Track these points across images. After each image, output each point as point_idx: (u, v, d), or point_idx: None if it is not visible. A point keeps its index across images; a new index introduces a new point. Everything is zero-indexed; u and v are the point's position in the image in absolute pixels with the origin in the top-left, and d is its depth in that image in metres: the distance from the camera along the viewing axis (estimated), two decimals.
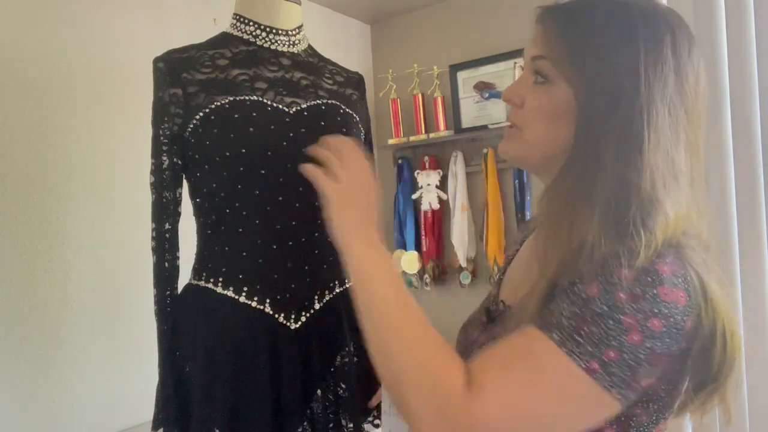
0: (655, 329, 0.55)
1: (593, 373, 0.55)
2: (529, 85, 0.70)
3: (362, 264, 0.69)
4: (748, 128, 1.46)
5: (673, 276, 0.57)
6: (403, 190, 2.68)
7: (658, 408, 0.63)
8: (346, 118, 1.04)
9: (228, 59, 0.99)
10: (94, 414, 1.63)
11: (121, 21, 1.77)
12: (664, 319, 0.55)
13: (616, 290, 0.56)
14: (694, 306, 0.58)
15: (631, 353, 0.55)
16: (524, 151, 0.71)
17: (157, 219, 0.97)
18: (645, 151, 0.61)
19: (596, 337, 0.55)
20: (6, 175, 1.49)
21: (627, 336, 0.55)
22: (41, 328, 1.53)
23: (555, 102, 0.67)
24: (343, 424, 1.01)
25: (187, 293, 1.00)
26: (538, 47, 0.69)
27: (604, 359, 0.55)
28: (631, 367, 0.55)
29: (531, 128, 0.69)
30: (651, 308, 0.55)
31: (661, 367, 0.58)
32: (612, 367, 0.55)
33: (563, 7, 0.69)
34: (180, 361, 0.97)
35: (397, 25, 2.83)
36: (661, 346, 0.56)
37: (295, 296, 0.98)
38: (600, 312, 0.56)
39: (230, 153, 0.93)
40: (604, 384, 0.55)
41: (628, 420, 0.62)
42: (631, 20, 0.63)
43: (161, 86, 0.95)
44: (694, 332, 0.59)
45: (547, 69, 0.67)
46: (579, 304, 0.57)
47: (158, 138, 0.96)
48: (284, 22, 1.03)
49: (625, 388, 0.56)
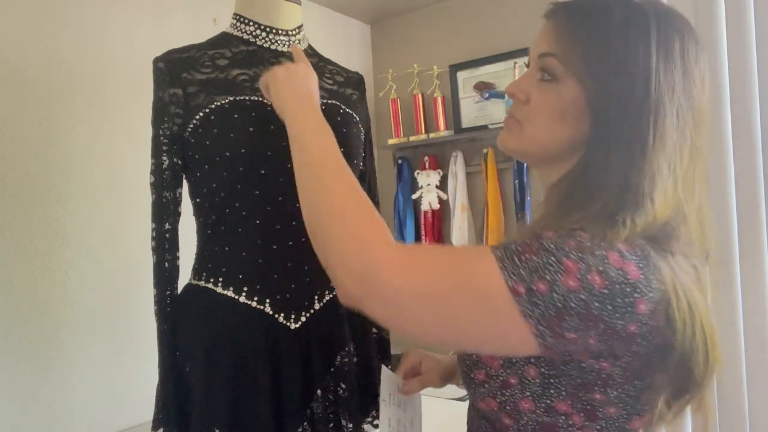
0: (595, 285, 0.55)
1: (516, 295, 0.56)
2: (534, 82, 0.69)
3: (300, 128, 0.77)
4: (748, 128, 1.46)
5: (627, 252, 0.57)
6: (403, 190, 2.68)
7: (623, 399, 0.62)
8: (346, 118, 1.04)
9: (228, 59, 0.99)
10: (94, 414, 1.63)
11: (121, 21, 1.77)
12: (608, 281, 0.55)
13: (568, 239, 0.57)
14: (653, 293, 0.57)
15: (561, 295, 0.55)
16: (523, 145, 0.71)
17: (157, 219, 0.97)
18: (648, 153, 0.61)
19: (533, 265, 0.57)
20: (6, 175, 1.49)
21: (563, 277, 0.55)
22: (41, 328, 1.53)
23: (562, 101, 0.66)
24: (343, 424, 1.01)
25: (187, 293, 1.00)
26: (548, 44, 0.68)
27: (533, 287, 0.56)
28: (557, 309, 0.56)
29: (534, 125, 0.69)
30: (596, 264, 0.56)
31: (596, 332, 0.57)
32: (537, 299, 0.56)
33: (576, 5, 0.68)
34: (180, 361, 0.97)
35: (397, 25, 2.83)
36: (600, 308, 0.55)
37: (295, 296, 0.98)
38: (547, 247, 0.57)
39: (230, 153, 0.93)
40: (524, 310, 0.56)
41: (594, 410, 0.62)
42: (645, 21, 0.63)
43: (161, 86, 0.95)
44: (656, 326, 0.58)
45: (556, 67, 0.66)
46: (532, 238, 0.59)
47: (158, 138, 0.96)
48: (284, 22, 1.03)
49: (544, 326, 0.56)
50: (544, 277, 0.56)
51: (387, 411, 0.86)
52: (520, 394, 0.64)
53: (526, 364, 0.64)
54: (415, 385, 0.92)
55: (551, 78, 0.67)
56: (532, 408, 0.64)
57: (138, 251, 1.71)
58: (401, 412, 0.88)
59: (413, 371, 0.94)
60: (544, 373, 0.63)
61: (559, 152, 0.68)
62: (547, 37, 0.68)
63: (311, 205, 0.71)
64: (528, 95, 0.69)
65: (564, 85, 0.66)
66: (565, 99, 0.66)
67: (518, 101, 0.71)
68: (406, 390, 0.91)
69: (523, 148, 0.71)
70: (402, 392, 0.91)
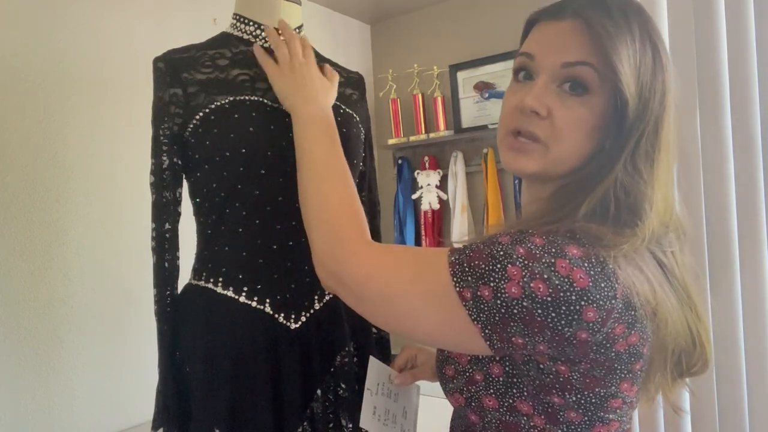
0: (537, 294, 0.55)
1: (464, 300, 0.58)
2: (553, 94, 0.62)
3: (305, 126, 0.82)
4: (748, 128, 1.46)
5: (579, 258, 0.56)
6: (403, 190, 2.68)
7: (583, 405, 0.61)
8: (346, 118, 1.04)
9: (228, 59, 0.99)
10: (94, 414, 1.63)
11: (121, 21, 1.77)
12: (552, 289, 0.55)
13: (518, 245, 0.57)
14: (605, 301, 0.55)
15: (504, 302, 0.56)
16: (547, 168, 0.64)
17: (157, 219, 0.97)
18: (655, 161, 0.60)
19: (480, 271, 0.58)
20: (6, 175, 1.49)
21: (506, 285, 0.56)
22: (41, 328, 1.53)
23: (595, 116, 0.61)
24: (343, 424, 1.01)
25: (187, 293, 1.00)
26: (580, 52, 0.60)
27: (478, 293, 0.57)
28: (501, 315, 0.57)
29: (562, 144, 0.62)
30: (542, 272, 0.55)
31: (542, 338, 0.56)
32: (482, 305, 0.57)
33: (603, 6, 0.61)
34: (180, 361, 0.97)
35: (397, 25, 2.83)
36: (543, 315, 0.55)
37: (295, 296, 0.98)
38: (495, 255, 0.58)
39: (230, 153, 0.93)
40: (471, 314, 0.58)
41: (555, 414, 0.62)
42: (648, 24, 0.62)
43: (161, 86, 0.95)
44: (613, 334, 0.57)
45: (591, 78, 0.60)
46: (486, 243, 0.59)
47: (158, 138, 0.96)
48: None
49: (491, 330, 0.58)
50: (488, 284, 0.57)
51: (372, 400, 0.87)
52: (484, 392, 0.65)
53: (491, 362, 0.64)
54: (408, 378, 0.93)
55: (584, 91, 0.61)
56: (495, 406, 0.64)
57: (138, 251, 1.71)
58: (391, 402, 0.89)
59: (408, 364, 0.96)
60: (507, 372, 0.63)
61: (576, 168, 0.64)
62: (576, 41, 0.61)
63: (305, 197, 0.78)
64: (549, 110, 0.62)
65: (597, 97, 0.61)
66: (598, 113, 0.61)
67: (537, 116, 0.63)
68: (398, 382, 0.93)
69: (548, 170, 0.64)
70: (394, 384, 0.92)
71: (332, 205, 0.74)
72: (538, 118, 0.63)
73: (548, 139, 0.63)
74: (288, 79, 0.89)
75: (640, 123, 0.60)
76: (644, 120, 0.60)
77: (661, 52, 0.62)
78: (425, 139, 2.59)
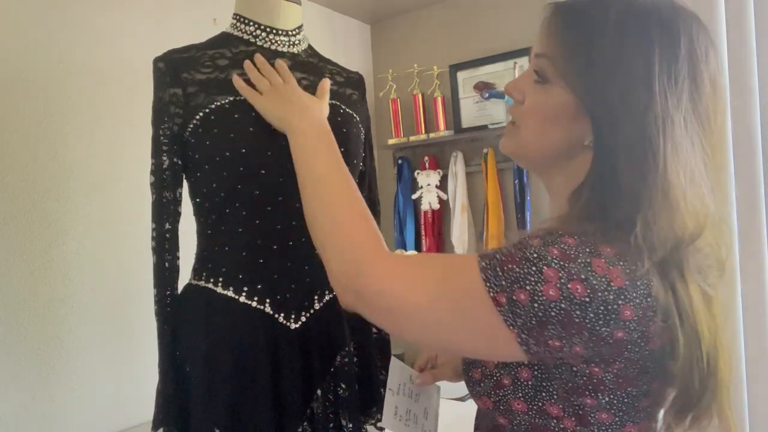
0: (576, 295, 0.55)
1: (498, 306, 0.57)
2: (529, 81, 0.68)
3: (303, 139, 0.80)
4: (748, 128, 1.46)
5: (614, 256, 0.56)
6: (403, 190, 2.69)
7: (615, 405, 0.61)
8: (346, 118, 1.04)
9: (228, 59, 0.99)
10: (94, 414, 1.63)
11: (121, 21, 1.77)
12: (589, 289, 0.55)
13: (551, 246, 0.57)
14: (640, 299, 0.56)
15: (542, 305, 0.55)
16: (520, 149, 0.70)
17: (157, 219, 0.97)
18: (661, 165, 0.58)
19: (514, 275, 0.57)
20: (6, 175, 1.49)
21: (543, 287, 0.55)
22: (41, 328, 1.53)
23: (551, 104, 0.65)
24: (343, 424, 1.01)
25: (187, 293, 1.00)
26: (541, 44, 0.66)
27: (513, 298, 0.56)
28: (538, 319, 0.56)
29: (526, 127, 0.68)
30: (578, 272, 0.55)
31: (580, 339, 0.56)
32: (518, 309, 0.56)
33: (574, 5, 0.65)
34: (180, 361, 0.97)
35: (397, 25, 2.83)
36: (581, 317, 0.55)
37: (295, 296, 0.98)
38: (529, 257, 0.57)
39: (230, 153, 0.93)
40: (506, 319, 0.57)
41: (586, 415, 0.61)
42: (645, 25, 0.60)
43: (161, 86, 0.95)
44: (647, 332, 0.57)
45: (547, 69, 0.65)
46: (517, 247, 0.59)
47: (158, 138, 0.96)
48: (284, 22, 1.03)
49: (527, 334, 0.57)
50: (524, 288, 0.56)
51: (393, 400, 0.87)
52: (512, 395, 0.64)
53: (520, 366, 0.63)
54: (428, 378, 0.92)
55: (543, 80, 0.66)
56: (524, 409, 0.64)
57: (138, 251, 1.71)
58: (412, 402, 0.88)
59: (429, 364, 0.95)
60: (536, 376, 0.63)
61: (555, 155, 0.67)
62: (543, 36, 0.66)
63: (313, 215, 0.75)
64: (524, 94, 0.69)
65: (554, 87, 0.64)
66: (555, 102, 0.64)
67: (515, 100, 0.70)
68: (419, 382, 0.92)
69: (519, 151, 0.71)
70: (416, 384, 0.92)
71: (343, 220, 0.71)
72: (518, 103, 0.69)
73: (519, 121, 0.70)
74: (275, 100, 0.88)
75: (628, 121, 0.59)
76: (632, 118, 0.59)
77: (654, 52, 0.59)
78: (425, 139, 2.59)
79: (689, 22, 0.62)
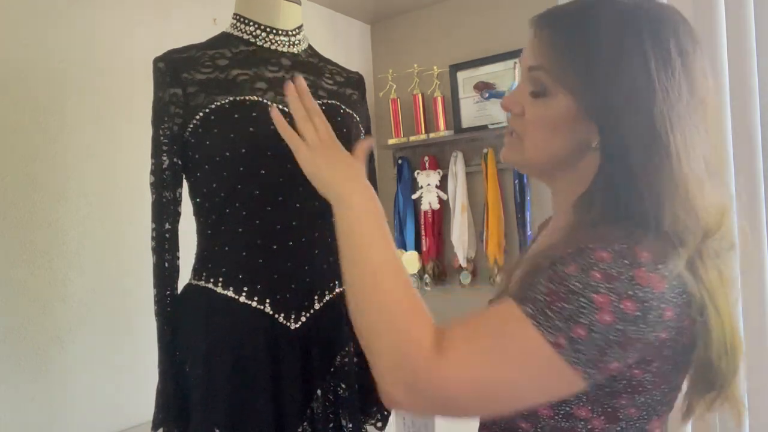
0: (629, 312, 0.55)
1: (559, 348, 0.56)
2: (526, 94, 0.68)
3: (353, 214, 0.70)
4: (748, 128, 1.46)
5: (652, 261, 0.57)
6: (403, 190, 2.68)
7: (647, 402, 0.62)
8: (346, 118, 1.04)
9: (228, 59, 0.99)
10: (94, 414, 1.63)
11: (121, 21, 1.77)
12: (639, 303, 0.55)
13: (592, 270, 0.56)
14: (677, 297, 0.57)
15: (600, 333, 0.55)
16: (525, 159, 0.71)
17: (157, 219, 0.97)
18: (675, 158, 0.59)
19: (567, 313, 0.56)
20: (6, 175, 1.49)
21: (598, 315, 0.55)
22: (41, 328, 1.53)
23: (553, 114, 0.66)
24: (343, 424, 1.01)
25: (187, 293, 1.00)
26: (535, 57, 0.67)
27: (572, 335, 0.55)
28: (599, 348, 0.56)
29: (530, 138, 0.68)
30: (625, 290, 0.55)
31: (634, 352, 0.57)
32: (579, 345, 0.56)
33: (561, 14, 0.66)
34: (180, 361, 0.97)
35: (397, 25, 2.83)
36: (635, 331, 0.56)
37: (295, 296, 0.98)
38: (574, 289, 0.56)
39: (230, 153, 0.93)
40: (570, 360, 0.56)
41: (615, 412, 0.62)
42: (636, 24, 0.61)
43: (161, 86, 0.95)
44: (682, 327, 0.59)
45: (544, 80, 0.65)
46: (556, 281, 0.57)
47: (158, 138, 0.96)
48: (284, 22, 1.03)
49: (591, 368, 0.56)
50: (579, 322, 0.55)
51: None
52: None
53: None
54: None
55: (541, 92, 0.66)
56: (550, 414, 0.63)
57: (138, 251, 1.71)
58: None
59: None
60: None
61: (561, 161, 0.68)
62: (534, 49, 0.67)
63: (361, 305, 0.67)
64: (522, 107, 0.69)
65: (554, 98, 0.65)
66: (557, 112, 0.65)
67: (515, 114, 0.71)
68: None
69: (524, 161, 0.71)
70: None
71: (396, 313, 0.63)
72: (518, 116, 0.70)
73: (522, 133, 0.70)
74: (321, 157, 0.76)
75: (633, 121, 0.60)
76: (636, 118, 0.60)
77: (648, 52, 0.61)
78: (425, 139, 2.59)
79: (674, 18, 0.64)
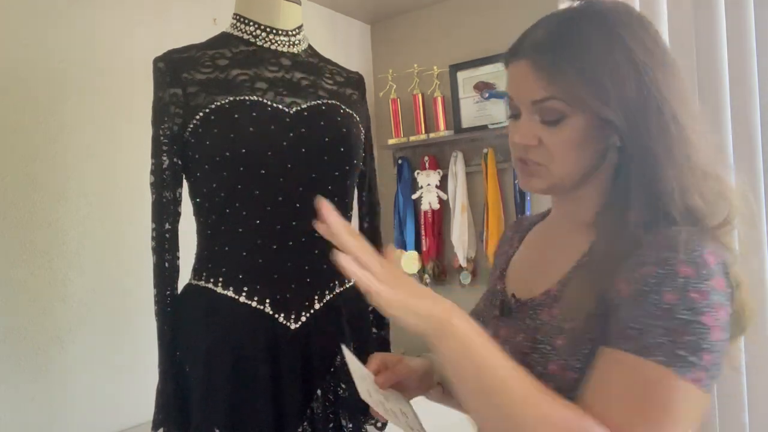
0: (725, 319, 0.58)
1: (699, 382, 0.56)
2: (537, 125, 0.68)
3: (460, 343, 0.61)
4: (748, 128, 1.46)
5: (716, 265, 0.59)
6: (403, 190, 2.68)
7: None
8: (346, 118, 1.04)
9: (228, 59, 0.99)
10: (94, 414, 1.63)
11: (121, 21, 1.77)
12: (726, 308, 0.58)
13: (687, 292, 0.57)
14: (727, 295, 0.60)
15: (719, 350, 0.57)
16: (556, 183, 0.71)
17: (157, 219, 0.97)
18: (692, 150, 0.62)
19: (692, 345, 0.56)
20: (6, 175, 1.49)
21: (711, 336, 0.57)
22: (41, 328, 1.53)
23: (577, 134, 0.67)
24: (343, 424, 1.01)
25: (187, 293, 1.00)
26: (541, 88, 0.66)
27: (704, 364, 0.57)
28: (720, 363, 0.58)
29: (560, 162, 0.69)
30: (719, 302, 0.58)
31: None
32: (711, 370, 0.57)
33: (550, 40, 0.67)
34: (180, 361, 0.97)
35: (397, 25, 2.83)
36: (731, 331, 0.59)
37: (295, 296, 0.98)
38: (686, 319, 0.57)
39: (230, 153, 0.93)
40: (707, 387, 0.57)
41: None
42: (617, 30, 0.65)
43: (161, 86, 0.95)
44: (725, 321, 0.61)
45: (559, 107, 0.66)
46: (665, 317, 0.57)
47: (158, 138, 0.96)
48: (284, 22, 1.03)
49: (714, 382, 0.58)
50: (704, 349, 0.57)
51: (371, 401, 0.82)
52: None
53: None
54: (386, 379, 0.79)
55: (558, 119, 0.67)
56: None
57: (138, 251, 1.70)
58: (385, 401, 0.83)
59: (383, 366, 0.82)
60: None
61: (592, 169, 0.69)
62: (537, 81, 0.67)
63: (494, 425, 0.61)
64: (538, 139, 0.69)
65: (573, 118, 0.66)
66: (579, 132, 0.66)
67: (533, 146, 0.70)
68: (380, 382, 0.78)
69: (556, 185, 0.71)
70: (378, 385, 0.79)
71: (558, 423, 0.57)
72: (534, 147, 0.69)
73: (547, 161, 0.69)
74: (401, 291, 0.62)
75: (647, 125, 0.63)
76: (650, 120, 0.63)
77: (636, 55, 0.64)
78: (425, 139, 2.59)
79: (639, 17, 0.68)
